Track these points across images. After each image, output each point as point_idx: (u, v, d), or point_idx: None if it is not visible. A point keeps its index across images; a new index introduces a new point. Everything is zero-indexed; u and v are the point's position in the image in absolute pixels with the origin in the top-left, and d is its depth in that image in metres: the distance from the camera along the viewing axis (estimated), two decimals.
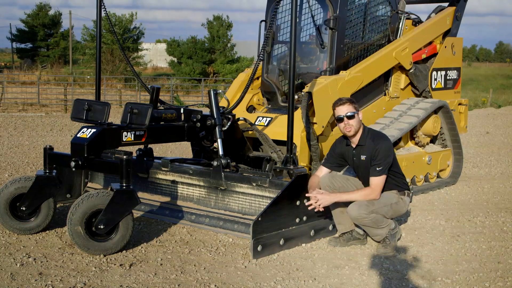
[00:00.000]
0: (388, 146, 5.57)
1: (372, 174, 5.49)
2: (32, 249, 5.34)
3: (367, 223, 5.51)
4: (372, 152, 5.49)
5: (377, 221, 5.50)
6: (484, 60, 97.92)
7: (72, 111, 5.89)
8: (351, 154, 5.70)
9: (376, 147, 5.48)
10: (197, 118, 6.45)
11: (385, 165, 5.47)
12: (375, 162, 5.47)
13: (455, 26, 9.04)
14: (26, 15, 51.32)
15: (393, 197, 5.61)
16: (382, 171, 5.47)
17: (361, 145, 5.59)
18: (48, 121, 16.76)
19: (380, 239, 5.62)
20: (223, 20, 41.89)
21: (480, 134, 15.48)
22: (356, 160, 5.66)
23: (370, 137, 5.58)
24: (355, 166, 5.73)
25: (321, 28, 7.54)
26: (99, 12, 7.24)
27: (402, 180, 5.73)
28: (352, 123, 5.52)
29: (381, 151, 5.46)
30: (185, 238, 5.80)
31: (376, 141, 5.53)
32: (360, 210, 5.45)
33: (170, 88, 27.90)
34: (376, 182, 5.49)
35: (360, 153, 5.60)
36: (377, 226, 5.54)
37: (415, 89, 8.58)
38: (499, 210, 7.33)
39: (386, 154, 5.48)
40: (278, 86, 7.86)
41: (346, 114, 5.51)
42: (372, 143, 5.53)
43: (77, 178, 6.86)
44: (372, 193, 5.49)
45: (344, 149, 5.76)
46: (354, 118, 5.51)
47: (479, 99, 28.79)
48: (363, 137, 5.58)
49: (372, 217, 5.47)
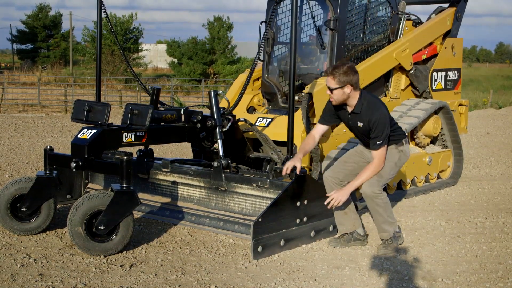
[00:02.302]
0: (384, 116, 5.44)
1: (373, 148, 5.45)
2: (32, 250, 5.35)
3: (380, 203, 5.52)
4: (369, 123, 5.42)
5: (388, 207, 5.57)
6: (484, 61, 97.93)
7: (73, 112, 5.89)
8: (346, 116, 5.63)
9: (372, 120, 5.39)
10: (197, 119, 6.45)
11: (384, 137, 5.42)
12: (373, 135, 5.42)
13: (455, 27, 9.04)
14: (27, 16, 51.39)
15: (393, 155, 5.60)
16: (383, 143, 5.43)
17: (356, 112, 5.50)
18: (49, 122, 16.77)
19: (387, 237, 5.62)
20: (223, 21, 41.92)
21: (481, 135, 15.48)
22: (351, 124, 5.60)
23: (366, 105, 5.46)
24: (350, 127, 5.70)
25: (322, 29, 7.54)
26: (99, 13, 7.24)
27: (397, 131, 5.67)
28: (333, 96, 5.45)
29: (378, 125, 5.38)
30: (185, 239, 5.80)
31: (371, 113, 5.42)
32: (373, 188, 5.47)
33: (171, 89, 27.91)
34: (379, 154, 5.45)
35: (356, 119, 5.52)
36: (387, 216, 5.56)
37: (415, 90, 8.57)
38: (499, 211, 7.33)
39: (383, 126, 5.40)
40: (279, 87, 7.86)
41: (329, 86, 5.44)
42: (368, 114, 5.43)
43: (77, 179, 6.86)
44: (379, 165, 5.48)
45: (339, 109, 5.66)
46: (335, 91, 5.41)
47: (479, 100, 28.79)
48: (358, 105, 5.47)
49: (384, 197, 5.52)
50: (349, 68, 5.40)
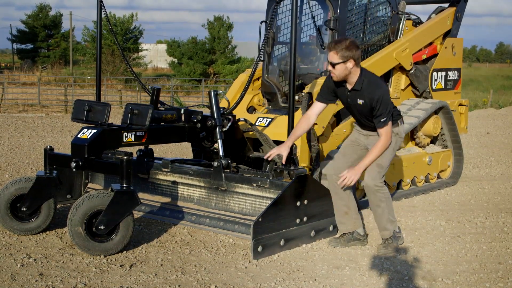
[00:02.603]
0: (386, 93, 5.45)
1: (379, 125, 5.41)
2: (32, 250, 5.35)
3: (383, 198, 5.51)
4: (371, 100, 5.36)
5: (390, 202, 5.57)
6: (485, 61, 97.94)
7: (73, 112, 5.89)
8: (345, 94, 5.56)
9: (375, 98, 5.34)
10: (197, 118, 6.45)
11: (388, 113, 5.40)
12: (378, 113, 5.37)
13: (455, 26, 9.04)
14: (27, 16, 51.39)
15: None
16: (387, 120, 5.40)
17: (356, 89, 5.45)
18: (49, 122, 16.77)
19: (388, 235, 5.62)
20: (223, 21, 41.93)
21: (481, 135, 15.48)
22: (350, 101, 5.53)
23: (367, 83, 5.42)
24: (349, 106, 5.62)
25: (322, 29, 7.53)
26: (99, 13, 7.24)
27: (394, 111, 5.62)
28: (334, 71, 5.39)
29: (382, 102, 5.34)
30: (185, 239, 5.80)
31: (373, 90, 5.38)
32: (376, 181, 5.48)
33: (171, 89, 27.91)
34: (386, 130, 5.42)
35: (356, 97, 5.46)
36: (388, 212, 5.56)
37: (415, 90, 8.57)
38: (499, 211, 7.33)
39: (386, 103, 5.37)
40: (279, 86, 7.86)
41: (331, 61, 5.38)
42: (369, 91, 5.38)
43: (77, 179, 6.86)
44: (386, 141, 5.45)
45: (338, 86, 5.60)
46: (338, 66, 5.36)
47: (479, 99, 28.80)
48: (359, 82, 5.42)
49: (386, 192, 5.53)
50: (352, 43, 5.37)
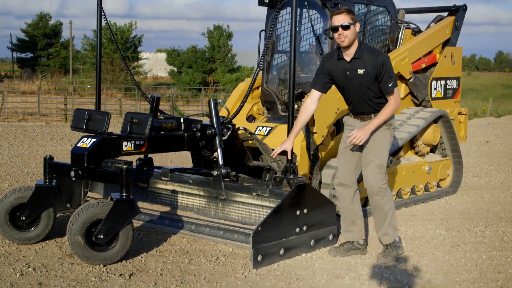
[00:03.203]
0: (388, 57, 5.44)
1: (387, 92, 5.35)
2: (31, 259, 5.34)
3: (387, 201, 5.48)
4: (375, 67, 5.30)
5: (393, 205, 5.54)
6: (484, 70, 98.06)
7: (72, 121, 5.90)
8: (342, 68, 5.44)
9: (379, 61, 5.28)
10: (197, 127, 6.46)
11: (394, 79, 5.36)
12: (384, 78, 5.30)
13: (454, 35, 9.06)
14: (27, 25, 51.43)
15: (385, 135, 5.52)
16: (395, 85, 5.35)
17: (357, 58, 5.37)
18: (48, 131, 16.77)
19: (389, 241, 5.59)
20: (223, 30, 42.01)
21: (480, 144, 15.48)
22: (349, 75, 5.41)
23: (367, 50, 5.38)
24: (346, 81, 5.47)
25: (321, 38, 7.55)
26: (99, 21, 7.26)
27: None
28: (346, 34, 5.27)
29: (386, 64, 5.29)
30: (185, 248, 5.79)
31: (376, 55, 5.34)
32: (380, 183, 5.45)
33: (170, 97, 27.92)
34: (394, 96, 5.38)
35: (356, 67, 5.37)
36: (391, 217, 5.53)
37: (414, 99, 8.58)
38: (499, 220, 7.33)
39: (390, 67, 5.34)
40: (278, 95, 7.87)
41: (342, 24, 5.27)
42: (372, 56, 5.32)
43: (77, 188, 6.85)
44: (396, 106, 5.41)
45: (334, 64, 5.51)
46: (349, 29, 5.28)
47: (478, 108, 28.82)
48: (359, 51, 5.36)
49: (390, 193, 5.51)
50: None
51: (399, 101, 5.45)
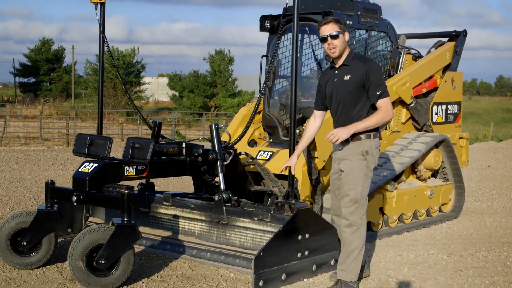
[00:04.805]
0: (376, 64, 5.32)
1: (374, 99, 5.14)
2: (32, 285, 5.32)
3: (356, 237, 5.18)
4: (362, 73, 5.15)
5: (363, 245, 5.26)
6: (485, 94, 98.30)
7: (74, 146, 5.92)
8: (331, 75, 5.34)
9: (366, 67, 5.15)
10: (198, 152, 6.48)
11: (384, 86, 5.17)
12: (371, 85, 5.11)
13: (455, 60, 9.11)
14: (29, 50, 51.75)
15: (359, 167, 5.23)
16: (385, 94, 5.14)
17: (345, 64, 5.25)
18: (50, 155, 16.79)
19: (343, 277, 5.25)
20: (224, 55, 42.20)
21: (482, 168, 15.47)
22: (336, 82, 5.28)
23: (357, 58, 5.29)
24: (333, 89, 5.31)
25: (322, 63, 7.59)
26: (101, 46, 7.31)
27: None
28: (336, 43, 5.18)
29: (373, 70, 5.14)
30: (186, 273, 5.77)
31: (363, 61, 5.24)
32: (352, 217, 5.18)
33: (172, 122, 27.98)
34: (385, 104, 5.14)
35: (344, 73, 5.24)
36: (355, 256, 5.20)
37: (416, 123, 8.61)
38: (501, 245, 7.30)
39: (378, 73, 5.19)
40: (280, 120, 7.90)
41: (330, 33, 5.17)
42: (360, 63, 5.21)
43: (78, 213, 6.84)
44: (385, 116, 5.15)
45: (326, 74, 5.45)
46: (338, 38, 5.18)
47: (480, 132, 28.83)
48: (349, 57, 5.27)
49: (362, 231, 5.21)
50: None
51: (390, 112, 5.20)
